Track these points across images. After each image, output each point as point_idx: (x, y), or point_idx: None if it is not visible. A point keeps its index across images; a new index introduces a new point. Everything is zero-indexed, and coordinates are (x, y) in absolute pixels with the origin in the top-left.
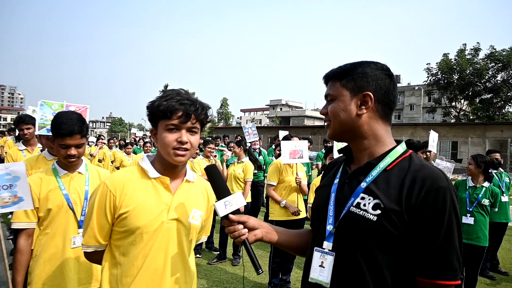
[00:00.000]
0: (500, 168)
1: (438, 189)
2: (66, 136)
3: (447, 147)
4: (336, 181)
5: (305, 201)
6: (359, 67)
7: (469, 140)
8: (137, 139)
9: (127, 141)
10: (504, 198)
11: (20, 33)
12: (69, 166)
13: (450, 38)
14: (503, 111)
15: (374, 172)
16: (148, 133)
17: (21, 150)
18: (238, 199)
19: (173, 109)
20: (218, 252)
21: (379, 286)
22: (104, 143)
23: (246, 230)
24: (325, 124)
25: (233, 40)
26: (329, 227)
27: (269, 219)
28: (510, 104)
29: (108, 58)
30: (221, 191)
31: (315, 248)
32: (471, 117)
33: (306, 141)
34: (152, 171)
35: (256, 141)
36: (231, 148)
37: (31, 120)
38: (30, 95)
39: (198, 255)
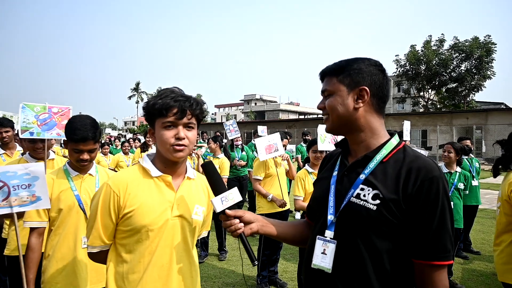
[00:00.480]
0: (470, 154)
1: (431, 178)
2: (80, 141)
3: (417, 135)
4: (335, 173)
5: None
6: (354, 63)
7: (438, 128)
8: (112, 139)
9: (102, 141)
10: (475, 182)
11: None
12: (80, 168)
13: (416, 30)
14: (468, 99)
15: (372, 164)
16: (123, 133)
17: (0, 154)
18: (234, 194)
19: (168, 106)
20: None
21: (379, 270)
22: None
23: (242, 224)
24: (323, 118)
25: (205, 36)
26: (330, 217)
27: (257, 213)
28: (474, 93)
29: (74, 56)
30: (218, 187)
31: (317, 236)
32: (438, 106)
33: (278, 133)
34: (153, 170)
35: (238, 137)
36: (209, 144)
37: (9, 123)
38: None
39: None
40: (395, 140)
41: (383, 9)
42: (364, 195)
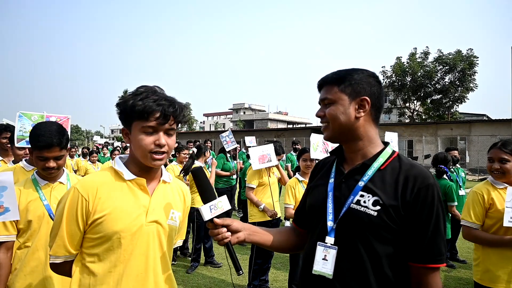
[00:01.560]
0: (457, 164)
1: (427, 186)
2: (44, 148)
3: (404, 145)
4: (331, 180)
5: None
6: (354, 73)
7: (423, 139)
8: (100, 147)
9: (90, 149)
10: (461, 192)
11: None
12: (48, 176)
13: (401, 42)
14: (452, 110)
15: (370, 172)
16: (110, 141)
17: None
18: (223, 203)
19: (150, 110)
20: (192, 259)
21: (379, 274)
22: None
23: (229, 233)
24: (322, 126)
25: (194, 44)
26: (330, 223)
27: (249, 221)
28: (457, 104)
29: (60, 63)
30: (208, 195)
31: (318, 242)
32: (424, 117)
33: (272, 144)
34: (127, 173)
35: (235, 148)
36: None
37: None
38: None
39: (173, 262)
40: (390, 149)
41: (370, 20)
42: (365, 201)
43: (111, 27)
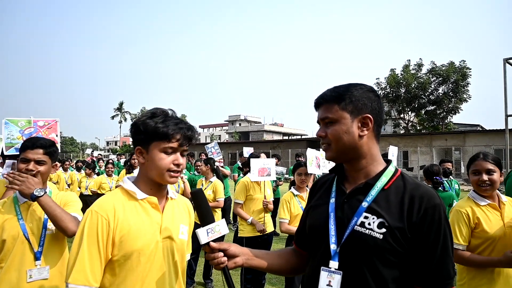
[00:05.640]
0: (450, 176)
1: (434, 206)
2: (27, 148)
3: (399, 156)
4: (332, 200)
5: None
6: (354, 90)
7: (418, 149)
8: (95, 159)
9: (86, 162)
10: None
11: None
12: None
13: (395, 54)
14: (446, 121)
15: (373, 192)
16: (103, 153)
17: None
18: (221, 227)
19: (173, 132)
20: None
21: None
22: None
23: (225, 258)
24: (323, 146)
25: (189, 55)
26: (333, 247)
27: (239, 235)
28: (451, 115)
29: (55, 74)
30: (206, 218)
31: (321, 267)
32: (418, 128)
33: (274, 158)
34: (139, 192)
35: (220, 159)
36: (198, 167)
37: None
38: None
39: None
40: (392, 167)
41: (364, 32)
42: (369, 224)
43: (108, 36)
